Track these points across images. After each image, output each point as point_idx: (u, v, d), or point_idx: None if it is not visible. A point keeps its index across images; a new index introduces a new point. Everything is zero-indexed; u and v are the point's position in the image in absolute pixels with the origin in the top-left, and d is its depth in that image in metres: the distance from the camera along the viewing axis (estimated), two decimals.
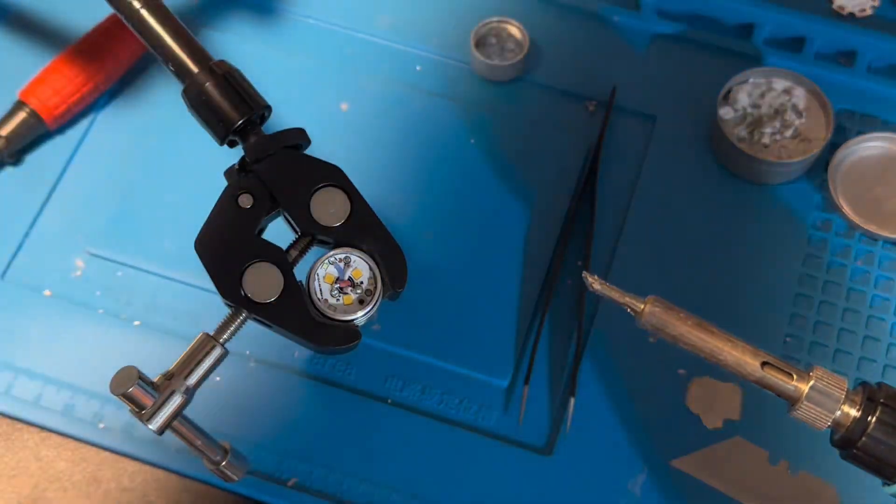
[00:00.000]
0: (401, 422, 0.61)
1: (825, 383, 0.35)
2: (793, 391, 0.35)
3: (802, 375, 0.36)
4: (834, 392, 0.35)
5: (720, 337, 0.36)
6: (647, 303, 0.38)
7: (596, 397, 0.62)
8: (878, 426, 0.34)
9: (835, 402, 0.35)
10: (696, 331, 0.37)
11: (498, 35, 0.72)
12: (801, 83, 0.70)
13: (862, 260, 0.67)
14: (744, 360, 0.36)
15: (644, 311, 0.38)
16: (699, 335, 0.37)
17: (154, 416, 0.46)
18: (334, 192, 0.49)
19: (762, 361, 0.36)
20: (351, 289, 0.48)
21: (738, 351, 0.36)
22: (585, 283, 0.39)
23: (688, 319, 0.37)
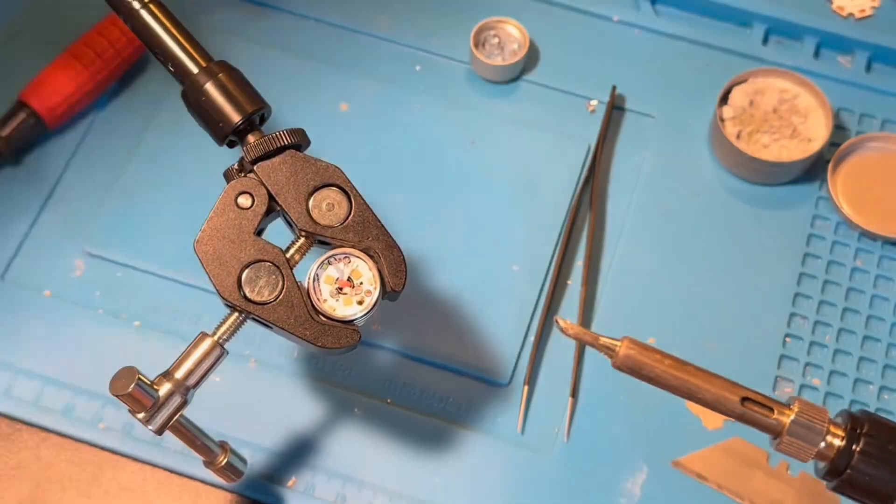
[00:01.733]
0: (401, 422, 0.61)
1: (807, 417, 0.34)
2: (774, 425, 0.35)
3: (783, 409, 0.35)
4: (816, 425, 0.34)
5: (697, 375, 0.35)
6: (623, 345, 0.37)
7: (596, 397, 0.62)
8: (862, 458, 0.33)
9: (817, 435, 0.34)
10: (673, 370, 0.36)
11: (498, 35, 0.72)
12: (801, 83, 0.70)
13: (862, 260, 0.67)
14: (723, 396, 0.35)
15: (619, 354, 0.37)
16: (676, 374, 0.36)
17: (154, 417, 0.46)
18: (334, 192, 0.49)
19: (742, 397, 0.36)
20: (350, 289, 0.48)
21: (716, 388, 0.36)
22: (557, 327, 0.38)
23: (664, 360, 0.36)
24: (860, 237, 0.67)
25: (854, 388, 0.63)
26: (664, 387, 0.36)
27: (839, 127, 0.71)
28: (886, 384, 0.63)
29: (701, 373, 0.36)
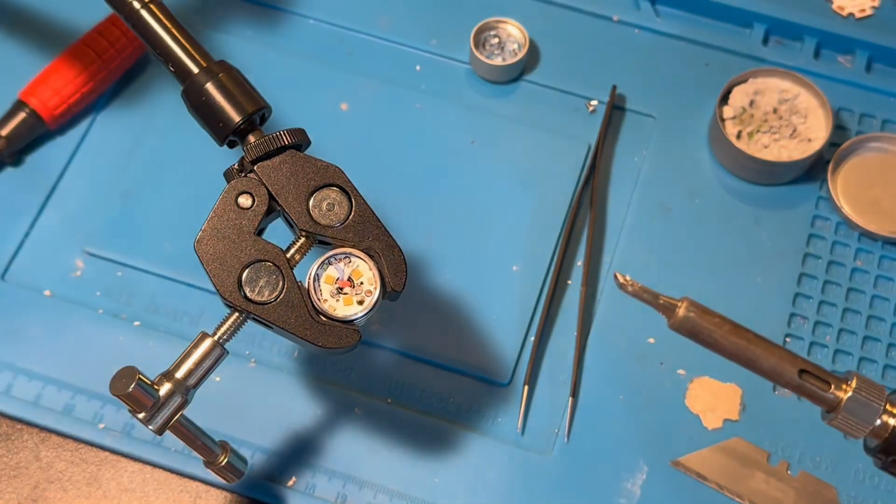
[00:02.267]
0: (401, 422, 0.61)
1: (865, 394, 0.35)
2: (832, 400, 0.35)
3: (840, 384, 0.35)
4: (873, 403, 0.35)
5: (757, 343, 0.36)
6: (682, 306, 0.37)
7: (596, 397, 0.62)
8: None
9: (873, 413, 0.35)
10: (732, 336, 0.36)
11: (498, 35, 0.72)
12: (801, 83, 0.70)
13: (862, 260, 0.67)
14: (782, 367, 0.35)
15: (678, 315, 0.37)
16: (735, 341, 0.36)
17: (154, 417, 0.46)
18: (334, 192, 0.49)
19: (800, 369, 0.36)
20: (351, 289, 0.48)
21: (775, 358, 0.36)
22: (616, 283, 0.38)
23: (724, 325, 0.36)
24: (860, 237, 0.67)
25: None
26: (721, 352, 0.36)
27: (839, 127, 0.71)
28: (887, 384, 0.63)
29: (761, 341, 0.36)
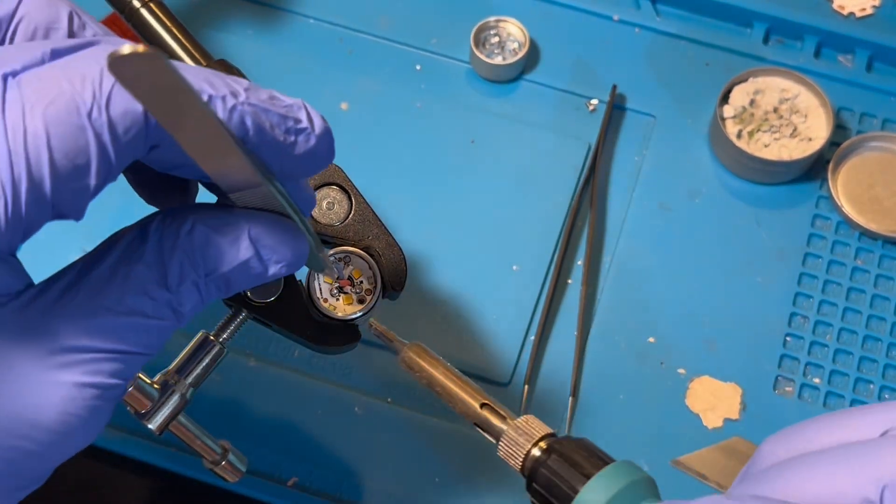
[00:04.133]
0: (401, 422, 0.61)
1: (524, 428, 0.39)
2: (498, 430, 0.40)
3: (510, 419, 0.40)
4: (528, 434, 0.39)
5: (457, 382, 0.42)
6: (407, 347, 0.43)
7: (596, 397, 0.62)
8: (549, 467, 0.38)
9: (526, 443, 0.39)
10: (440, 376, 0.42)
11: (498, 34, 0.72)
12: (802, 82, 0.70)
13: (862, 259, 0.67)
14: (468, 401, 0.41)
15: (402, 353, 0.43)
16: (441, 380, 0.42)
17: (154, 416, 0.46)
18: (334, 191, 0.49)
19: (481, 403, 0.41)
20: (350, 288, 0.48)
21: (465, 394, 0.41)
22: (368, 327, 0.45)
23: (438, 367, 0.42)
24: (861, 236, 0.67)
25: (855, 387, 0.63)
26: (432, 387, 0.42)
27: (840, 126, 0.71)
28: (887, 383, 0.63)
29: (460, 381, 0.41)
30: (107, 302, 0.31)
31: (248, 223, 0.34)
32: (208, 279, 0.34)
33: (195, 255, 0.33)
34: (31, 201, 0.28)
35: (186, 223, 0.33)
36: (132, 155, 0.30)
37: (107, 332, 0.31)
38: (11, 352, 0.30)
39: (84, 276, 0.32)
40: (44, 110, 0.28)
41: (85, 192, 0.30)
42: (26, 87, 0.28)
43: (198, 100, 0.27)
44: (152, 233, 0.33)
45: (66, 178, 0.29)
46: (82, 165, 0.29)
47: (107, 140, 0.29)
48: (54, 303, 0.31)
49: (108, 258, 0.32)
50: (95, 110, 0.29)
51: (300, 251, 0.35)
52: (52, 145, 0.28)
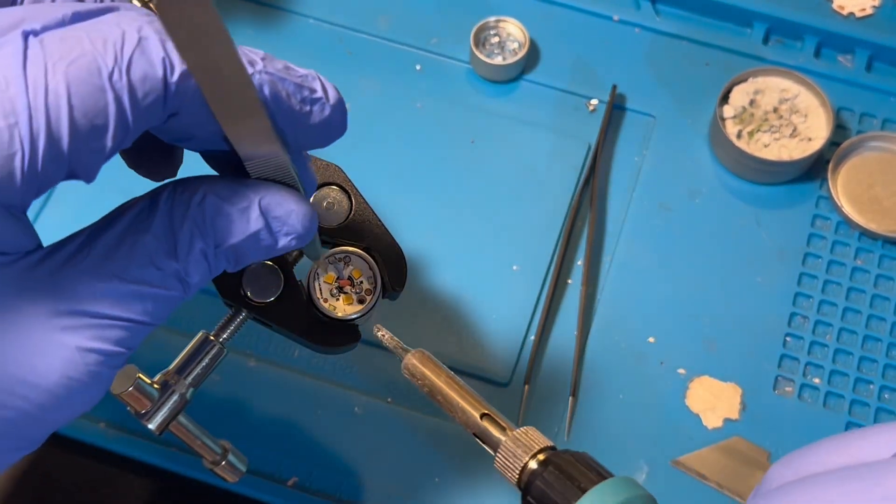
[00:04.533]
0: (401, 422, 0.61)
1: (523, 440, 0.38)
2: (496, 440, 0.39)
3: (509, 430, 0.39)
4: (527, 446, 0.38)
5: (459, 391, 0.41)
6: (411, 354, 0.42)
7: (596, 397, 0.62)
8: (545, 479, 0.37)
9: (523, 454, 0.38)
10: (441, 384, 0.41)
11: (498, 34, 0.72)
12: (802, 82, 0.70)
13: (862, 259, 0.67)
14: (468, 410, 0.40)
15: (405, 360, 0.42)
16: (443, 388, 0.41)
17: (154, 416, 0.46)
18: (334, 191, 0.49)
19: (482, 413, 0.40)
20: (350, 288, 0.48)
21: (466, 402, 0.40)
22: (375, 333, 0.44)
23: (440, 374, 0.41)
24: (860, 236, 0.67)
25: (855, 387, 0.63)
26: (433, 395, 0.41)
27: (840, 126, 0.71)
28: (887, 383, 0.63)
29: (463, 390, 0.41)
30: (114, 269, 0.32)
31: (258, 194, 0.34)
32: (218, 250, 0.34)
33: (205, 225, 0.33)
34: (48, 157, 0.29)
35: (198, 193, 0.33)
36: (149, 121, 0.31)
37: (113, 298, 0.31)
38: (16, 310, 0.30)
39: (93, 242, 0.32)
40: (66, 69, 0.28)
41: (101, 153, 0.30)
42: (48, 45, 0.29)
43: (235, 52, 0.27)
44: (163, 202, 0.33)
45: (83, 138, 0.29)
46: (100, 126, 0.29)
47: (126, 103, 0.29)
48: (62, 266, 0.31)
49: (117, 226, 0.33)
50: (116, 73, 0.29)
51: (310, 224, 0.35)
52: (72, 104, 0.29)
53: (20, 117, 0.28)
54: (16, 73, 0.28)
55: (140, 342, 0.33)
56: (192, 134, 0.33)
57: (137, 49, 0.29)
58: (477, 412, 0.40)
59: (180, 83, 0.30)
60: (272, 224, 0.34)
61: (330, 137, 0.35)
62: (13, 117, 0.28)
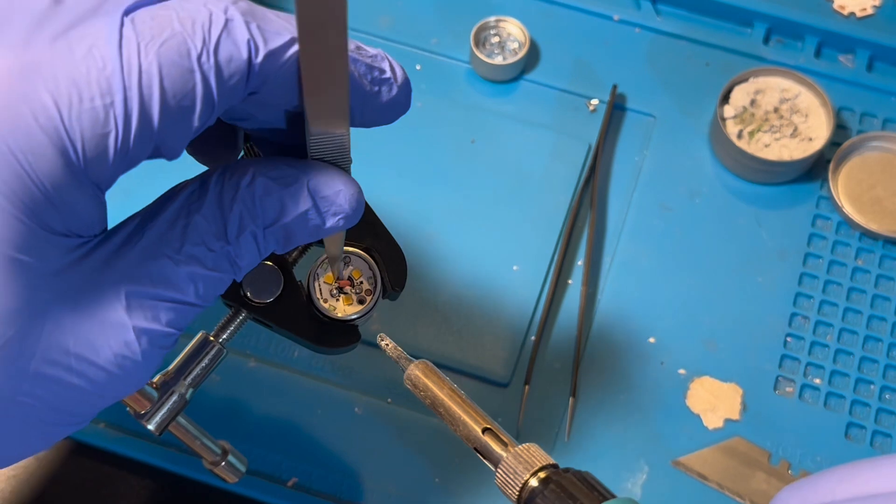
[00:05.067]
0: (401, 422, 0.61)
1: (524, 456, 0.38)
2: (497, 456, 0.39)
3: (511, 446, 0.39)
4: (527, 463, 0.38)
5: (461, 404, 0.40)
6: (414, 365, 0.42)
7: (596, 397, 0.62)
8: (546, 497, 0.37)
9: (524, 471, 0.37)
10: (443, 396, 0.40)
11: (498, 34, 0.72)
12: (802, 82, 0.70)
13: (863, 259, 0.67)
14: (471, 424, 0.39)
15: (409, 370, 0.42)
16: (445, 400, 0.40)
17: (153, 417, 0.46)
18: None
19: (483, 428, 0.39)
20: (350, 288, 0.48)
21: (468, 417, 0.40)
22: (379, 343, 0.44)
23: (443, 387, 0.40)
24: (861, 236, 0.67)
25: (855, 387, 0.63)
26: (435, 407, 0.40)
27: (840, 126, 0.71)
28: (888, 384, 0.63)
29: (465, 403, 0.40)
30: (167, 250, 0.32)
31: (307, 175, 0.34)
32: (267, 231, 0.34)
33: (255, 206, 0.33)
34: (138, 138, 0.29)
35: (247, 175, 0.34)
36: (231, 100, 0.31)
37: (166, 280, 0.32)
38: (79, 291, 0.30)
39: (146, 225, 0.33)
40: (157, 50, 0.29)
41: (186, 133, 0.31)
42: (140, 24, 0.29)
43: (346, 22, 0.28)
44: (213, 185, 0.33)
45: (171, 119, 0.30)
46: (187, 107, 0.30)
47: (213, 84, 0.30)
48: (119, 248, 0.32)
49: (169, 209, 0.33)
50: (205, 55, 0.30)
51: (358, 204, 0.36)
52: (164, 85, 0.29)
53: (115, 97, 0.28)
54: (112, 53, 0.28)
55: (188, 324, 0.34)
56: (253, 113, 0.34)
57: (224, 31, 0.30)
58: (479, 426, 0.39)
59: (263, 63, 0.31)
60: (320, 204, 0.35)
61: (395, 116, 0.36)
62: (109, 97, 0.28)
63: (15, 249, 0.28)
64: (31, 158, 0.28)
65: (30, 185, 0.28)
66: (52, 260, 0.29)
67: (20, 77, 0.28)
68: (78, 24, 0.29)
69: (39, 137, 0.28)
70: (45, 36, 0.28)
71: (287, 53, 0.31)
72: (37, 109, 0.28)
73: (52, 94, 0.28)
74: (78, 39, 0.28)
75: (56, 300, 0.30)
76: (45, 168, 0.28)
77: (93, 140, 0.28)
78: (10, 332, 0.29)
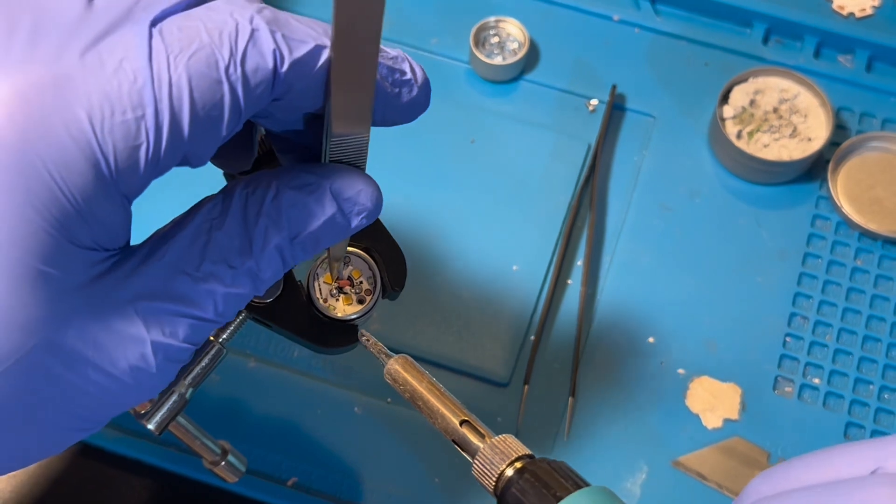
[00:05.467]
0: (401, 422, 0.61)
1: (501, 447, 0.38)
2: (474, 447, 0.39)
3: (488, 438, 0.39)
4: (504, 453, 0.38)
5: (440, 397, 0.40)
6: (394, 359, 0.42)
7: (596, 397, 0.62)
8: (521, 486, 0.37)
9: (500, 462, 0.37)
10: (422, 390, 0.41)
11: (498, 34, 0.72)
12: (802, 83, 0.70)
13: (862, 259, 0.67)
14: (448, 417, 0.40)
15: (388, 365, 0.42)
16: (424, 394, 0.41)
17: (153, 416, 0.46)
18: None
19: (461, 420, 0.40)
20: (350, 288, 0.48)
21: (446, 409, 0.40)
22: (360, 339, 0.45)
23: (423, 380, 0.41)
24: (860, 237, 0.67)
25: (854, 387, 0.63)
26: (415, 401, 0.41)
27: (840, 126, 0.71)
28: (887, 384, 0.63)
29: (444, 396, 0.40)
30: (187, 268, 0.33)
31: (328, 179, 0.35)
32: (294, 241, 0.34)
33: (280, 218, 0.34)
34: (169, 149, 0.30)
35: (270, 189, 0.34)
36: (256, 108, 0.32)
37: (185, 297, 0.32)
38: (101, 304, 0.31)
39: (168, 241, 0.33)
40: (187, 62, 0.29)
41: (213, 142, 0.31)
42: (168, 35, 0.30)
43: (381, 26, 0.29)
44: (235, 201, 0.34)
45: (200, 129, 0.30)
46: (216, 117, 0.30)
47: (240, 95, 0.31)
48: (140, 265, 0.32)
49: (191, 225, 0.33)
50: (232, 66, 0.30)
51: (378, 200, 0.37)
52: (193, 97, 0.30)
53: (147, 110, 0.29)
54: (142, 65, 0.29)
55: (206, 338, 0.34)
56: (273, 113, 0.34)
57: (251, 41, 0.30)
58: (457, 419, 0.39)
59: (288, 72, 0.31)
60: (344, 206, 0.35)
61: (414, 115, 0.36)
62: (140, 110, 0.29)
63: (43, 262, 0.29)
64: (63, 172, 0.28)
65: (61, 199, 0.28)
66: (78, 273, 0.30)
67: (53, 91, 0.28)
68: (108, 34, 0.29)
69: (72, 151, 0.28)
70: (76, 48, 0.29)
71: (311, 61, 0.31)
72: (70, 123, 0.28)
73: (85, 109, 0.28)
74: (108, 52, 0.29)
75: (79, 311, 0.30)
76: (76, 181, 0.29)
77: (124, 152, 0.29)
78: (34, 342, 0.29)
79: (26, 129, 0.28)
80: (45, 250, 0.29)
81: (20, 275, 0.28)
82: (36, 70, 0.28)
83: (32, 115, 0.28)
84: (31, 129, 0.28)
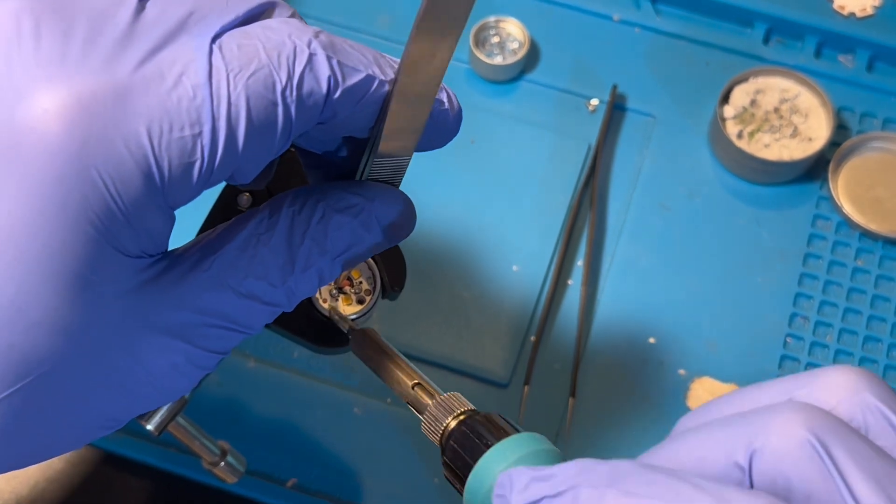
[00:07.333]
0: (401, 422, 0.61)
1: (447, 403, 0.40)
2: (423, 405, 0.41)
3: (437, 396, 0.41)
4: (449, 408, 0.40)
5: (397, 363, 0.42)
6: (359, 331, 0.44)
7: (596, 398, 0.62)
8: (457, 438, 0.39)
9: (444, 416, 0.40)
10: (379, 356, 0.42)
11: (498, 34, 0.72)
12: (802, 82, 0.70)
13: (863, 259, 0.67)
14: (403, 379, 0.41)
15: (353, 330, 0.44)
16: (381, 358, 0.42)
17: (153, 417, 0.46)
18: None
19: (414, 383, 0.41)
20: (350, 288, 0.48)
21: (401, 373, 0.42)
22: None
23: (386, 350, 0.42)
24: (861, 237, 0.67)
25: None
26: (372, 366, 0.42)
27: (840, 126, 0.71)
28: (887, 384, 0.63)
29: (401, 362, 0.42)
30: (231, 282, 0.33)
31: (370, 202, 0.36)
32: (334, 262, 0.35)
33: (326, 241, 0.34)
34: (221, 166, 0.30)
35: (317, 210, 0.34)
36: (303, 129, 0.32)
37: (222, 311, 0.33)
38: (138, 311, 0.31)
39: (213, 254, 0.33)
40: (245, 81, 0.30)
41: (263, 161, 0.31)
42: (227, 52, 0.30)
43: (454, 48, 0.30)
44: (282, 218, 0.34)
45: (253, 149, 0.30)
46: (268, 138, 0.31)
47: (293, 117, 0.31)
48: (182, 276, 0.32)
49: (236, 239, 0.33)
50: (289, 89, 0.30)
51: (414, 221, 0.38)
52: (250, 117, 0.30)
53: (204, 127, 0.29)
54: (202, 82, 0.29)
55: (234, 347, 0.35)
56: (312, 134, 0.34)
57: (308, 66, 0.31)
58: (410, 381, 0.41)
59: (339, 99, 0.31)
60: (387, 230, 0.36)
61: (445, 142, 0.38)
62: (198, 127, 0.29)
63: (91, 270, 0.29)
64: (118, 185, 0.28)
65: (114, 210, 0.29)
66: (123, 281, 0.30)
67: (113, 102, 0.28)
68: (164, 45, 0.29)
69: (129, 164, 0.28)
70: (132, 58, 0.29)
71: (361, 90, 0.32)
72: (129, 137, 0.28)
73: (145, 123, 0.28)
74: (168, 65, 0.29)
75: (122, 317, 0.31)
76: (130, 193, 0.29)
77: (179, 168, 0.29)
78: (76, 346, 0.30)
79: (86, 140, 0.28)
80: (94, 259, 0.29)
81: (68, 282, 0.29)
82: (95, 78, 0.28)
83: (93, 125, 0.28)
84: (91, 139, 0.28)
